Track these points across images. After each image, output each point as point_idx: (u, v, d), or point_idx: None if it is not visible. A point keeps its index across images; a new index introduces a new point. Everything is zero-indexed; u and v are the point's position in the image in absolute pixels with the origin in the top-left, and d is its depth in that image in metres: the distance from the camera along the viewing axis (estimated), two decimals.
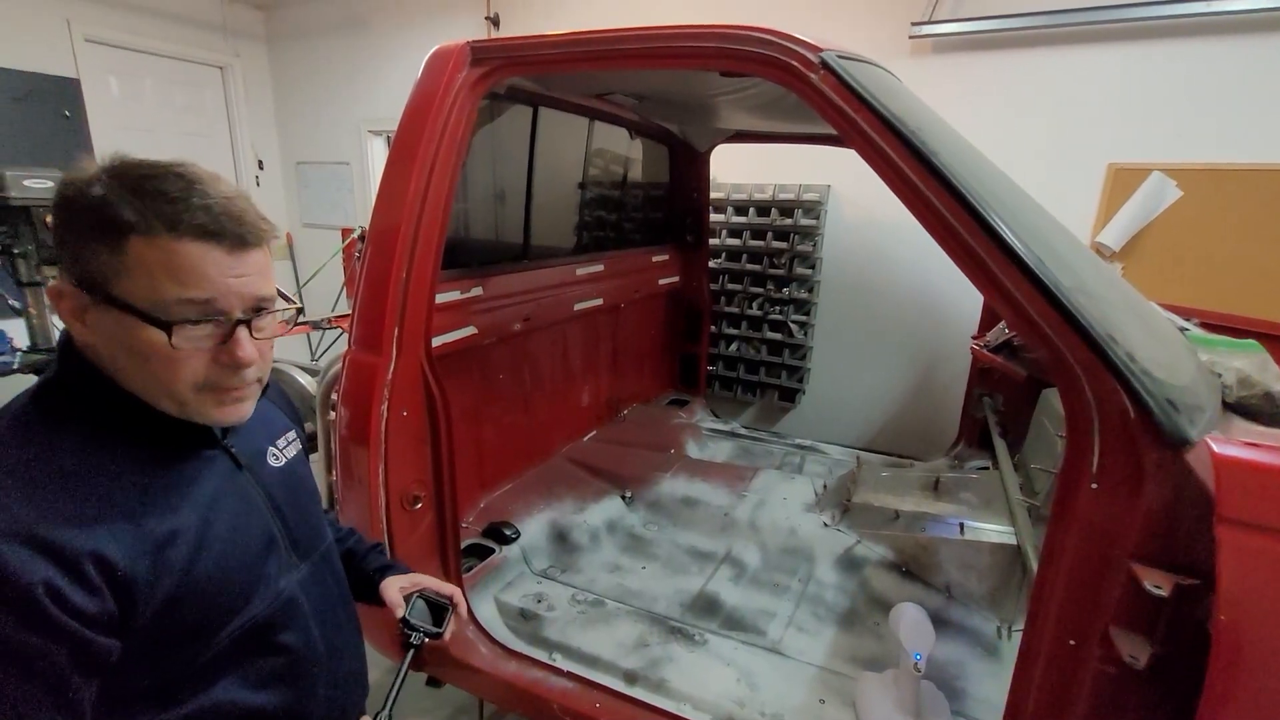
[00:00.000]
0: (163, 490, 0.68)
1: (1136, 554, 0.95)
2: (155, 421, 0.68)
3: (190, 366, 0.65)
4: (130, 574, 0.62)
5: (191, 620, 0.68)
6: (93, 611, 0.59)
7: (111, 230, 0.61)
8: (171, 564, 0.66)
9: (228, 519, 0.73)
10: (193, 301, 0.63)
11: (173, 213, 0.62)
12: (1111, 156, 2.70)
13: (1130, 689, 0.98)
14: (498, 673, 1.57)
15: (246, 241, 0.66)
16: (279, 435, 0.89)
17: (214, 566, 0.70)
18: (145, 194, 0.62)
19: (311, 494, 0.92)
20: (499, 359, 2.20)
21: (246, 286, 0.66)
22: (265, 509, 0.80)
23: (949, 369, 3.16)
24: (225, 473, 0.76)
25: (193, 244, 0.62)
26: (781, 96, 1.89)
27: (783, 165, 3.26)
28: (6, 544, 0.56)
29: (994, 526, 1.83)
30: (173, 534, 0.67)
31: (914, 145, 1.07)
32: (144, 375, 0.66)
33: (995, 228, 1.01)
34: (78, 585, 0.58)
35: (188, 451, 0.73)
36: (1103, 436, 0.96)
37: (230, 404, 0.70)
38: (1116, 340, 0.96)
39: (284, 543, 0.82)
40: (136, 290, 0.62)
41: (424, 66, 1.54)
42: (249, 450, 0.81)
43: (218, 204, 0.64)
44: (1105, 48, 2.63)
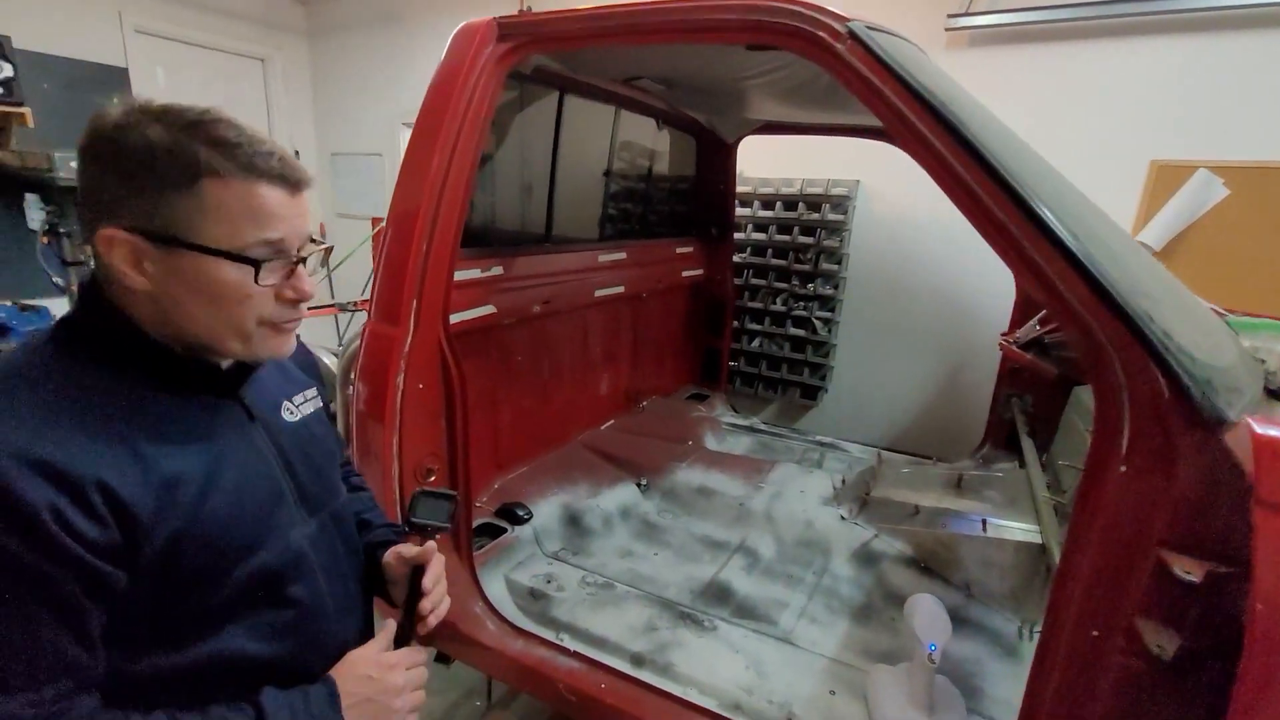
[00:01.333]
0: (173, 433, 0.69)
1: (1167, 540, 0.91)
2: (173, 367, 0.70)
3: (261, 303, 0.69)
4: (135, 507, 0.62)
5: (197, 563, 0.68)
6: (97, 539, 0.60)
7: (186, 175, 0.62)
8: (177, 503, 0.66)
9: (236, 467, 0.74)
10: (269, 242, 0.67)
11: (245, 157, 0.64)
12: (1154, 153, 2.61)
13: (1156, 683, 0.93)
14: (505, 650, 1.56)
15: (301, 183, 0.70)
16: (296, 391, 0.89)
17: (221, 511, 0.70)
18: (208, 139, 0.63)
19: (326, 453, 0.91)
20: (517, 341, 2.21)
21: (304, 225, 0.71)
22: (275, 462, 0.80)
23: (976, 370, 3.08)
24: (237, 423, 0.77)
25: (267, 187, 0.66)
26: (810, 80, 1.86)
27: (811, 159, 3.22)
28: (13, 467, 0.56)
29: (1018, 524, 1.77)
30: (180, 475, 0.67)
31: (943, 116, 1.04)
32: (212, 316, 0.67)
33: (1023, 197, 0.97)
34: (82, 511, 0.59)
35: (201, 399, 0.74)
36: (1134, 416, 0.92)
37: (285, 335, 0.75)
38: (1152, 317, 0.91)
39: (293, 497, 0.82)
40: (217, 233, 0.64)
41: (450, 42, 1.55)
42: (263, 403, 0.82)
43: (274, 149, 0.68)
44: (1148, 40, 2.54)
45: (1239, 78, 2.43)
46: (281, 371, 0.89)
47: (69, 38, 3.76)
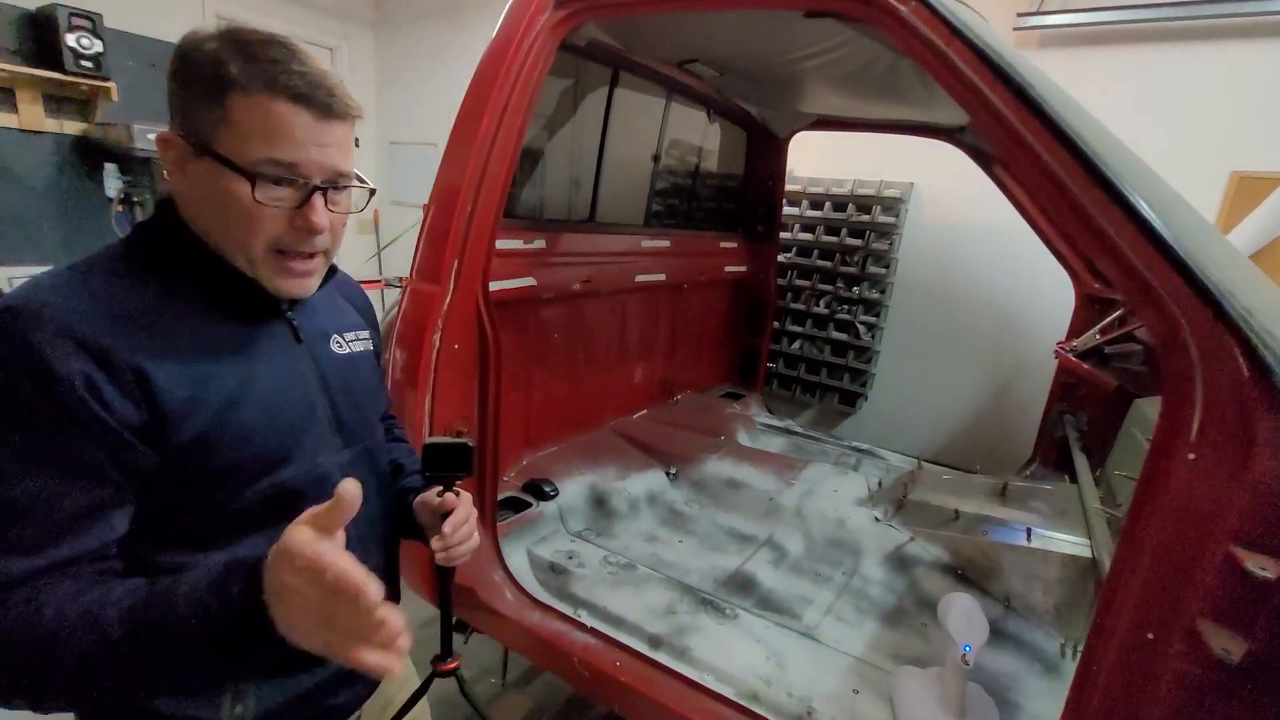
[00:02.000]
0: (216, 339, 0.71)
1: (1239, 535, 0.83)
2: (229, 280, 0.72)
3: (267, 225, 0.68)
4: (166, 397, 0.64)
5: (221, 464, 0.69)
6: (127, 415, 0.62)
7: (216, 85, 0.64)
8: (208, 402, 0.68)
9: (274, 381, 0.75)
10: (278, 162, 0.66)
11: (271, 73, 0.65)
12: (1235, 164, 2.46)
13: (1218, 691, 0.85)
14: (522, 621, 1.55)
15: (333, 111, 0.68)
16: (349, 329, 0.91)
17: (250, 419, 0.71)
18: (250, 55, 0.65)
19: (368, 390, 0.91)
20: (555, 319, 2.20)
21: (327, 156, 0.69)
22: (315, 385, 0.81)
23: (1027, 385, 2.95)
24: (283, 342, 0.79)
25: (285, 104, 0.65)
26: (868, 65, 1.82)
27: (863, 159, 3.16)
28: (56, 338, 0.59)
29: (1067, 536, 1.66)
30: (215, 375, 0.69)
31: (1008, 76, 0.99)
32: (225, 228, 0.69)
33: (1095, 163, 0.91)
34: (116, 387, 0.61)
35: (252, 314, 0.76)
36: (1207, 399, 0.85)
37: (295, 276, 0.73)
38: (1232, 293, 0.84)
39: (329, 423, 0.82)
40: (230, 143, 0.65)
41: (506, 9, 1.56)
42: (313, 329, 0.83)
43: (313, 73, 0.67)
44: (1230, 44, 2.40)
45: None
46: (337, 307, 0.92)
47: (154, 19, 3.98)
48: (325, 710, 0.84)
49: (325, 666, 0.81)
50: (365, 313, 0.98)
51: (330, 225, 0.72)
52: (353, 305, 0.96)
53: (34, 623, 0.55)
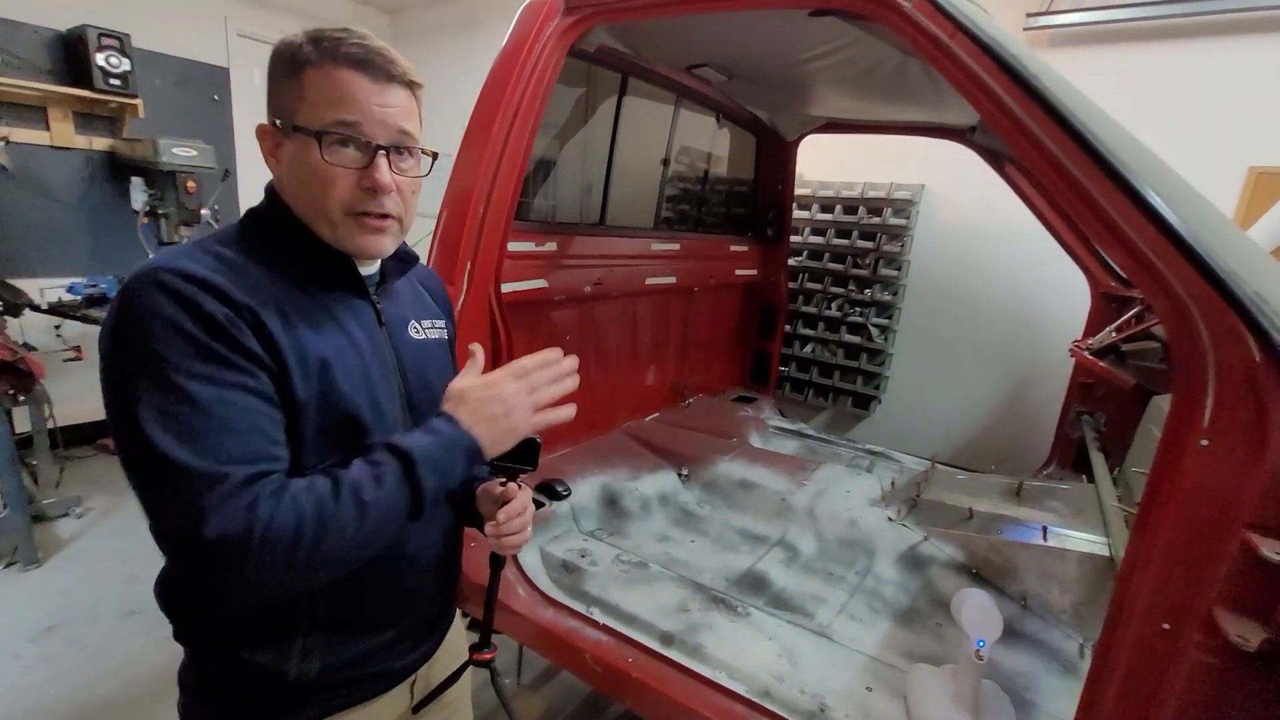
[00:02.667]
0: (313, 308, 0.77)
1: (1254, 521, 0.82)
2: (322, 257, 0.79)
3: (339, 186, 0.74)
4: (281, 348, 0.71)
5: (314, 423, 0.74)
6: (259, 354, 0.68)
7: (293, 66, 0.73)
8: (308, 361, 0.73)
9: (361, 356, 0.80)
10: (342, 123, 0.72)
11: (335, 46, 0.72)
12: (1254, 159, 2.43)
13: (1235, 680, 0.84)
14: (534, 617, 1.55)
15: (392, 75, 0.74)
16: (426, 317, 0.96)
17: (342, 385, 0.76)
18: (319, 38, 0.73)
19: (439, 375, 0.93)
20: (567, 321, 2.23)
21: (390, 117, 0.74)
22: (391, 364, 0.86)
23: (1042, 386, 2.92)
24: (368, 322, 0.84)
25: (346, 70, 0.72)
26: (875, 66, 1.83)
27: (873, 162, 3.16)
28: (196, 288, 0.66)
29: (1084, 535, 1.64)
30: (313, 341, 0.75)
31: (1014, 69, 1.00)
32: (307, 198, 0.76)
33: (1101, 152, 0.92)
34: (247, 328, 0.68)
35: (343, 293, 0.82)
36: (1219, 384, 0.84)
37: (370, 233, 0.78)
38: (1242, 278, 0.84)
39: (401, 402, 0.86)
40: (305, 114, 0.73)
41: (517, 17, 1.60)
42: (394, 314, 0.89)
43: (373, 44, 0.74)
44: (1246, 40, 2.38)
45: None
46: (418, 297, 0.97)
47: (180, 39, 4.11)
48: (384, 673, 0.89)
49: (387, 630, 0.87)
50: (443, 304, 1.04)
51: (398, 188, 0.77)
52: (431, 295, 1.02)
53: (297, 501, 0.64)
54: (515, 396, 0.78)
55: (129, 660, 2.14)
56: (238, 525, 0.61)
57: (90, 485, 3.28)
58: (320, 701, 0.83)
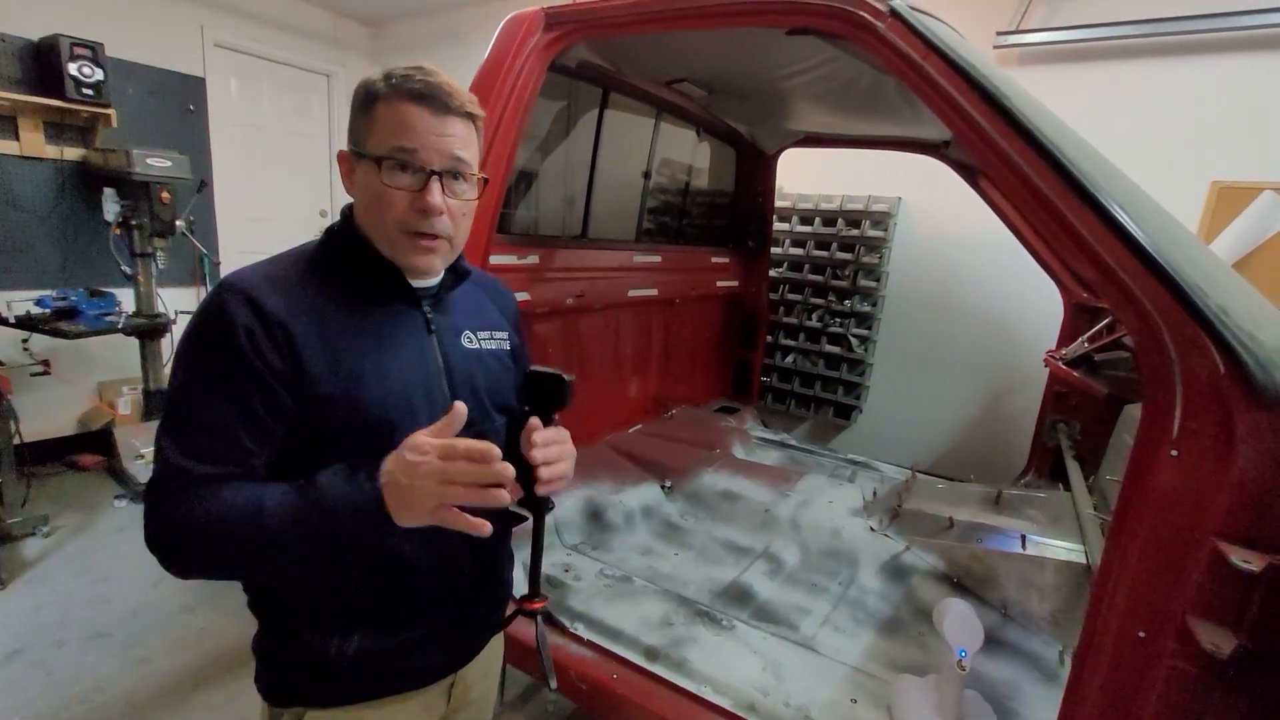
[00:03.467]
0: (360, 321, 0.83)
1: (1223, 531, 0.84)
2: (380, 275, 0.85)
3: (395, 207, 0.80)
4: (306, 357, 0.77)
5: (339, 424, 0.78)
6: (276, 363, 0.75)
7: (368, 101, 0.81)
8: (338, 370, 0.79)
9: (399, 363, 0.85)
10: (402, 149, 0.79)
11: (402, 82, 0.79)
12: (1215, 174, 2.51)
13: (1209, 687, 0.85)
14: (517, 634, 1.53)
15: (449, 108, 0.81)
16: (483, 327, 0.98)
17: (373, 388, 0.81)
18: (392, 75, 0.80)
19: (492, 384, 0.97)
20: (550, 334, 2.22)
21: (446, 145, 0.81)
22: (437, 371, 0.89)
23: (1020, 395, 2.97)
24: (415, 329, 0.89)
25: (408, 104, 0.79)
26: (851, 81, 1.86)
27: (851, 175, 3.21)
28: (233, 294, 0.76)
29: (1061, 543, 1.67)
30: (349, 350, 0.81)
31: (984, 88, 1.03)
32: (370, 217, 0.83)
33: (1069, 169, 0.94)
34: (268, 338, 0.75)
35: (395, 306, 0.87)
36: (1186, 395, 0.86)
37: (422, 252, 0.84)
38: (1206, 292, 0.86)
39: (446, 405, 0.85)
40: (373, 143, 0.80)
41: (498, 32, 1.61)
42: (446, 324, 0.93)
43: (435, 79, 0.80)
44: (1208, 59, 2.47)
45: None
46: (480, 310, 1.00)
47: (154, 48, 4.05)
48: (419, 669, 0.92)
49: (415, 629, 0.90)
50: (510, 316, 1.07)
51: (449, 211, 0.82)
52: (500, 310, 1.05)
53: (209, 509, 0.71)
54: (425, 478, 0.69)
55: (97, 685, 2.07)
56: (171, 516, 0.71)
57: (58, 504, 3.18)
58: (361, 684, 0.88)
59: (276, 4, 4.59)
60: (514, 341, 1.04)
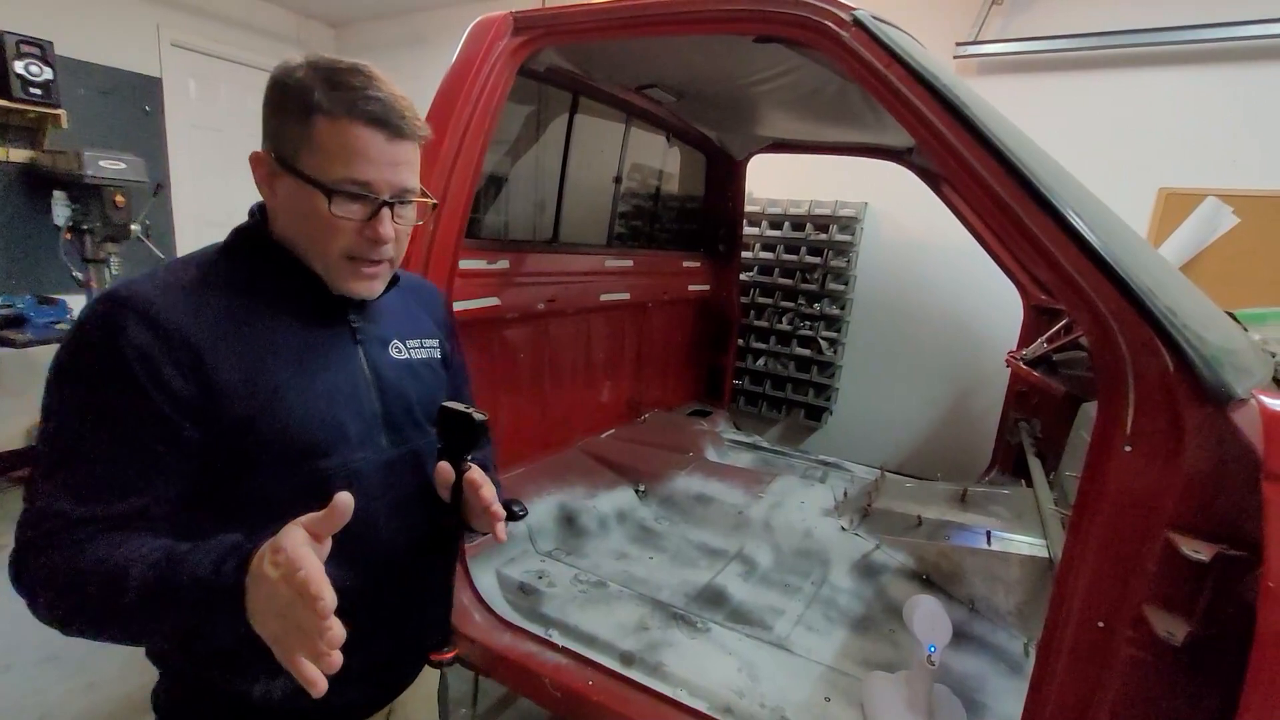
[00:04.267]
0: (279, 334, 0.78)
1: (1175, 523, 0.87)
2: (301, 284, 0.79)
3: (341, 235, 0.76)
4: (217, 376, 0.70)
5: (264, 447, 0.73)
6: (180, 391, 0.68)
7: (304, 110, 0.72)
8: (258, 388, 0.73)
9: (324, 377, 0.80)
10: (354, 180, 0.74)
11: (352, 99, 0.72)
12: (1163, 181, 2.62)
13: (1165, 675, 0.88)
14: (492, 644, 1.52)
15: (404, 132, 0.75)
16: (414, 336, 0.94)
17: (297, 410, 0.76)
18: (333, 83, 0.72)
19: (425, 395, 0.91)
20: (520, 339, 2.21)
21: (397, 175, 0.76)
22: (367, 385, 0.85)
23: (984, 394, 3.05)
24: (341, 342, 0.84)
25: (363, 127, 0.72)
26: (818, 89, 1.90)
27: (819, 181, 3.26)
28: (124, 310, 0.67)
29: (1025, 538, 1.71)
30: (269, 366, 0.75)
31: (944, 97, 1.05)
32: (305, 237, 0.77)
33: (1026, 177, 0.97)
34: (168, 359, 0.67)
35: (317, 316, 0.82)
36: (1138, 393, 0.90)
37: (364, 279, 0.80)
38: (1155, 294, 0.90)
39: (376, 422, 0.85)
40: (313, 163, 0.73)
41: (466, 35, 1.60)
42: (373, 334, 0.88)
43: (388, 98, 0.74)
44: (1157, 71, 2.58)
45: (1247, 107, 2.45)
46: (410, 317, 0.95)
47: (107, 47, 3.92)
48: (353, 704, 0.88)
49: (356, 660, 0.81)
50: (440, 322, 1.02)
51: (396, 235, 0.79)
52: (430, 315, 1.00)
53: (75, 562, 0.63)
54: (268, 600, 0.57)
55: (45, 712, 1.98)
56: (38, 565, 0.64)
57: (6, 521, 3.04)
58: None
59: (237, 4, 4.48)
60: (446, 348, 1.00)
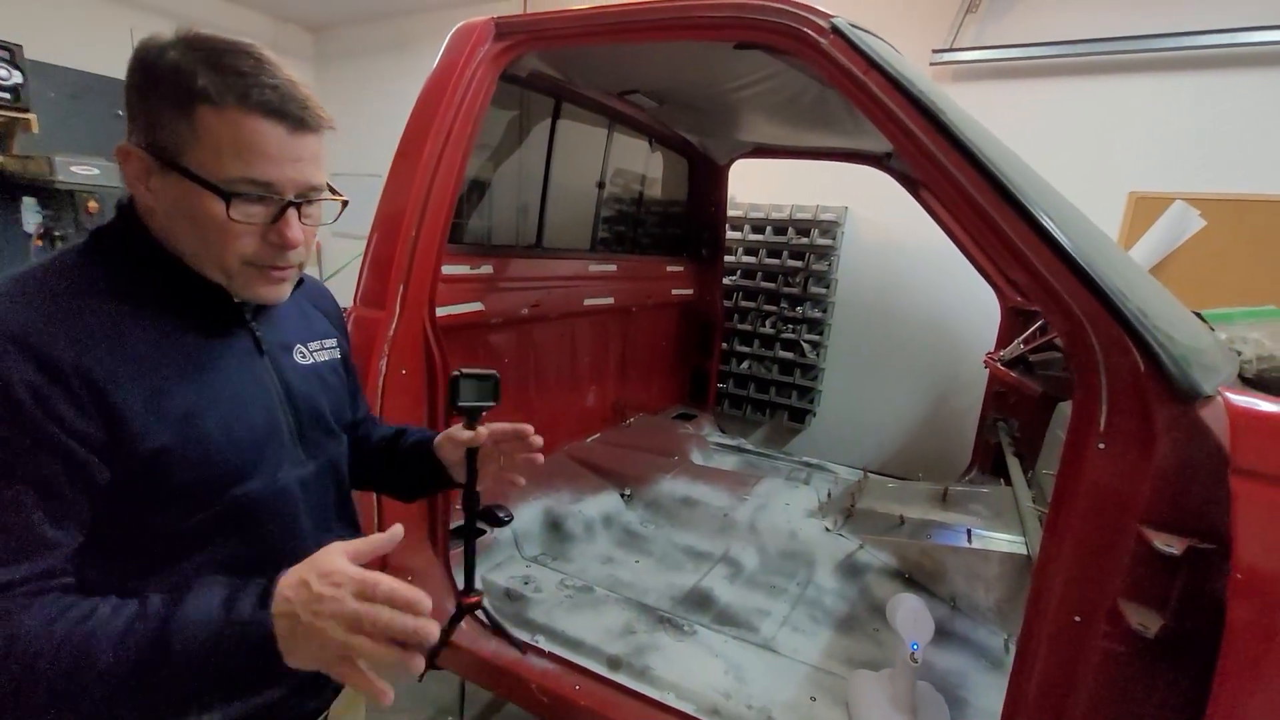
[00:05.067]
0: (176, 350, 0.69)
1: (1147, 517, 0.90)
2: (190, 288, 0.70)
3: (241, 240, 0.67)
4: (120, 405, 0.62)
5: (182, 478, 0.66)
6: (77, 423, 0.59)
7: (184, 98, 0.62)
8: (167, 414, 0.65)
9: (234, 393, 0.73)
10: (253, 181, 0.64)
11: (243, 86, 0.62)
12: (1133, 185, 2.69)
13: (1141, 668, 0.91)
14: (478, 650, 1.51)
15: (307, 124, 0.67)
16: (314, 338, 0.89)
17: (213, 434, 0.69)
18: (218, 66, 0.62)
19: (334, 401, 0.88)
20: (504, 344, 2.20)
21: (301, 172, 0.67)
22: (276, 397, 0.79)
23: (964, 396, 3.09)
24: (244, 352, 0.76)
25: (259, 119, 0.63)
26: (798, 94, 1.92)
27: (800, 185, 3.30)
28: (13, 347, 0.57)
29: (1004, 536, 1.75)
30: (174, 388, 0.67)
31: (921, 103, 1.07)
32: (198, 243, 0.67)
33: (1001, 182, 1.00)
34: (62, 394, 0.59)
35: (213, 323, 0.73)
36: (1111, 392, 0.92)
37: (272, 283, 0.72)
38: (1126, 296, 0.93)
39: (290, 435, 0.80)
40: (203, 160, 0.63)
41: (448, 40, 1.59)
42: (276, 340, 0.81)
43: (284, 84, 0.65)
44: (1127, 78, 2.65)
45: (1214, 114, 2.52)
46: (303, 316, 0.89)
47: (78, 51, 3.85)
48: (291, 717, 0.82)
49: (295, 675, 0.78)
50: (334, 319, 0.96)
51: (304, 237, 0.71)
52: (321, 312, 0.94)
53: (13, 639, 0.55)
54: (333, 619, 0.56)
55: None
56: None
57: None
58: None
59: (212, 7, 4.43)
60: (344, 348, 0.95)
